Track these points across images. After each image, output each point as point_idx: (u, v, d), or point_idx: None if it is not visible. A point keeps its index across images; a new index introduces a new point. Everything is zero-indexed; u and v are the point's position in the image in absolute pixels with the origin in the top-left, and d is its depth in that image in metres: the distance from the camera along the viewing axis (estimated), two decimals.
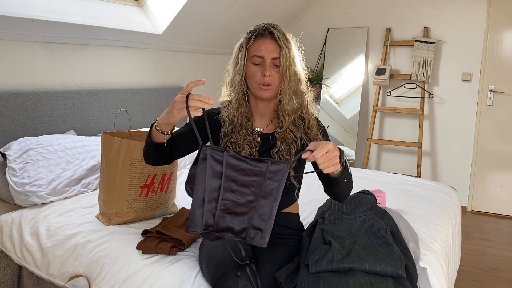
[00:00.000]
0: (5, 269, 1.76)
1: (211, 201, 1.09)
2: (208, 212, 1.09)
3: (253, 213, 1.09)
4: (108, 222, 1.67)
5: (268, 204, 1.08)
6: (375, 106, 3.92)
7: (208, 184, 1.09)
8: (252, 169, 1.10)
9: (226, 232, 1.10)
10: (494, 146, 3.65)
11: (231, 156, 1.11)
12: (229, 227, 1.09)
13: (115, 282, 1.36)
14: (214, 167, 1.10)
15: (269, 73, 1.33)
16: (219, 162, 1.10)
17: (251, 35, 1.37)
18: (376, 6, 3.99)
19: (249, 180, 1.10)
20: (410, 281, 1.20)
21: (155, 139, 1.28)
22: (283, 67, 1.34)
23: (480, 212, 3.75)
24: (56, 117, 2.33)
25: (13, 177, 1.86)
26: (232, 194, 1.10)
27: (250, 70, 1.36)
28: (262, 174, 1.10)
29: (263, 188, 1.09)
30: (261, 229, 1.08)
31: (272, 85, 1.35)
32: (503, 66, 3.56)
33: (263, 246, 1.08)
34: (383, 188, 2.28)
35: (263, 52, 1.34)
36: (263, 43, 1.35)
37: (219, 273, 1.17)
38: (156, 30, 2.92)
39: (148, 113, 2.95)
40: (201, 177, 1.09)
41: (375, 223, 1.39)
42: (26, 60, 2.24)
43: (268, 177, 1.09)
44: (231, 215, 1.09)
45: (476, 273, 2.59)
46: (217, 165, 1.10)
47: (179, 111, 1.16)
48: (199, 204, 1.09)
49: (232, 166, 1.11)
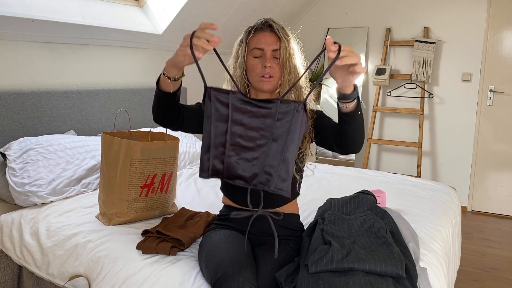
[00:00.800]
0: (5, 269, 1.76)
1: (218, 146, 1.04)
2: (215, 157, 1.04)
3: (264, 158, 1.03)
4: (108, 222, 1.67)
5: (280, 147, 1.02)
6: (375, 106, 3.92)
7: (214, 128, 1.04)
8: (261, 111, 1.04)
9: (237, 179, 1.04)
10: (494, 146, 3.65)
11: (237, 97, 1.05)
12: (239, 174, 1.04)
13: (115, 282, 1.36)
14: (220, 109, 1.04)
15: (269, 64, 1.33)
16: (225, 105, 1.04)
17: (250, 29, 1.39)
18: (376, 6, 3.99)
19: (258, 122, 1.05)
20: (410, 281, 1.20)
21: (163, 87, 1.24)
22: (283, 59, 1.34)
23: (480, 212, 3.75)
24: (56, 117, 2.33)
25: (13, 177, 1.86)
26: (240, 138, 1.05)
27: (251, 63, 1.36)
28: (272, 116, 1.04)
29: (273, 131, 1.03)
30: (273, 174, 1.02)
31: (273, 77, 1.35)
32: (503, 66, 3.56)
33: (283, 193, 1.02)
34: (383, 188, 2.28)
35: (263, 45, 1.34)
36: (263, 36, 1.36)
37: (218, 274, 1.16)
38: (156, 30, 2.92)
39: (148, 113, 2.95)
40: (207, 120, 1.04)
41: (375, 223, 1.39)
42: (26, 60, 2.24)
43: (278, 118, 1.03)
44: (241, 161, 1.04)
45: (476, 273, 2.59)
46: (222, 108, 1.04)
47: (182, 51, 1.11)
48: (205, 149, 1.05)
49: (239, 109, 1.04)
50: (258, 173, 1.03)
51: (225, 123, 1.04)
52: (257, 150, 1.04)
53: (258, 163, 1.04)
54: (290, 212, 1.47)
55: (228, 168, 1.04)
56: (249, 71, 1.38)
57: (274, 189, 1.03)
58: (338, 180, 2.44)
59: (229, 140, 1.04)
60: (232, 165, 1.04)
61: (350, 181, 2.43)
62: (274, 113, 1.04)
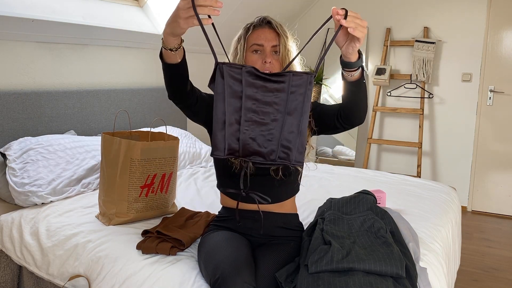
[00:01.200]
0: (5, 269, 1.76)
1: (233, 123, 1.02)
2: (231, 135, 1.03)
3: (280, 132, 1.02)
4: (108, 222, 1.67)
5: (296, 120, 1.01)
6: (375, 106, 3.92)
7: (228, 104, 1.01)
8: (274, 85, 1.03)
9: (254, 155, 1.03)
10: (494, 146, 3.65)
11: (249, 72, 1.03)
12: (256, 150, 1.03)
13: (115, 282, 1.36)
14: (233, 86, 1.02)
15: (269, 59, 1.33)
16: (238, 80, 1.02)
17: (249, 25, 1.39)
18: (376, 6, 3.99)
19: (272, 96, 1.04)
20: (410, 281, 1.20)
21: (167, 60, 1.19)
22: (282, 55, 1.34)
23: (480, 212, 3.75)
24: (56, 117, 2.33)
25: (13, 177, 1.86)
26: (255, 114, 1.04)
27: (250, 59, 1.36)
28: (284, 89, 1.03)
29: (287, 104, 1.02)
30: (291, 148, 1.01)
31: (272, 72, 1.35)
32: (503, 66, 3.56)
33: (300, 165, 1.02)
34: (383, 188, 2.28)
35: (262, 41, 1.34)
36: (262, 32, 1.36)
37: (217, 275, 1.16)
38: (156, 30, 2.93)
39: (148, 113, 2.95)
40: (219, 97, 1.02)
41: (375, 223, 1.39)
42: (26, 60, 2.24)
43: (291, 91, 1.03)
44: (257, 137, 1.03)
45: (476, 273, 2.59)
46: (235, 83, 1.02)
47: (186, 21, 1.03)
48: (220, 127, 1.02)
49: (252, 84, 1.03)
50: (275, 149, 1.03)
51: (239, 99, 1.03)
52: (272, 125, 1.04)
53: (275, 138, 1.03)
54: (289, 212, 1.47)
55: (244, 145, 1.03)
56: None
57: (295, 163, 1.03)
58: (338, 180, 2.44)
59: (244, 116, 1.03)
60: (248, 141, 1.03)
61: (350, 181, 2.43)
62: (287, 87, 1.03)
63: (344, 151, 4.15)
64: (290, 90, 1.03)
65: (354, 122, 1.29)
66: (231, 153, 1.04)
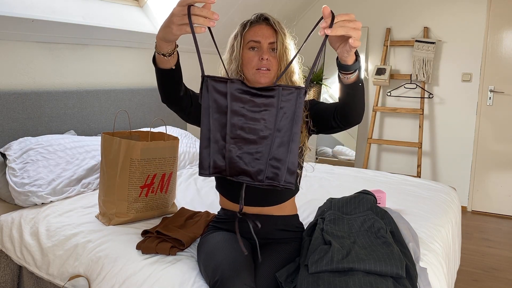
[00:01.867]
0: (5, 269, 1.76)
1: (218, 140, 0.97)
2: (216, 152, 0.97)
3: (268, 151, 0.95)
4: (108, 222, 1.67)
5: (285, 137, 0.95)
6: (375, 106, 3.92)
7: (212, 120, 0.96)
8: (262, 100, 0.96)
9: (241, 175, 0.96)
10: (494, 146, 3.65)
11: (236, 86, 0.96)
12: (243, 169, 0.96)
13: (115, 282, 1.36)
14: (218, 100, 0.96)
15: (266, 56, 1.31)
16: (223, 95, 0.96)
17: (246, 22, 1.37)
18: (376, 6, 3.99)
19: (260, 112, 0.97)
20: (410, 281, 1.20)
21: (160, 65, 1.16)
22: (280, 52, 1.32)
23: (480, 212, 3.75)
24: (56, 117, 2.33)
25: (13, 177, 1.86)
26: (242, 131, 0.97)
27: (247, 56, 1.33)
28: (274, 104, 0.96)
29: (277, 120, 0.96)
30: (280, 167, 0.95)
31: (270, 70, 1.32)
32: (503, 66, 3.56)
33: (290, 186, 0.96)
34: (383, 188, 2.28)
35: (259, 37, 1.32)
36: (259, 28, 1.34)
37: (216, 277, 1.15)
38: (156, 30, 2.92)
39: (148, 113, 2.95)
40: (205, 112, 0.96)
41: (375, 223, 1.39)
42: (26, 60, 2.24)
43: (280, 107, 0.96)
44: (244, 155, 0.97)
45: (476, 273, 2.59)
46: (221, 98, 0.96)
47: (179, 28, 1.00)
48: (205, 144, 0.97)
49: (238, 98, 0.96)
50: (263, 168, 0.97)
51: (224, 115, 0.97)
52: (261, 143, 0.97)
53: (263, 157, 0.97)
54: (289, 214, 1.46)
55: (230, 163, 0.97)
56: (245, 65, 1.34)
57: (284, 183, 0.97)
58: (338, 180, 2.44)
59: (230, 133, 0.97)
60: (234, 159, 0.97)
61: (350, 181, 2.43)
62: (277, 102, 0.97)
63: (344, 151, 4.15)
64: (280, 106, 0.97)
65: (351, 123, 1.27)
66: (217, 171, 0.99)
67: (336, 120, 1.28)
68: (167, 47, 1.11)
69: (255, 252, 1.35)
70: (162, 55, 1.12)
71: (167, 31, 1.04)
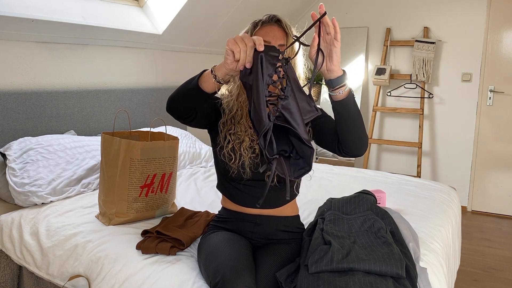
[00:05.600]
0: (5, 269, 1.76)
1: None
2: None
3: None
4: (108, 222, 1.67)
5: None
6: (375, 106, 3.92)
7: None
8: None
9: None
10: (494, 146, 3.65)
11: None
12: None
13: (114, 282, 1.36)
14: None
15: None
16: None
17: (258, 21, 1.36)
18: (376, 6, 3.99)
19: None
20: (410, 281, 1.20)
21: (202, 85, 1.17)
22: (288, 55, 1.31)
23: (480, 212, 3.75)
24: (56, 117, 2.33)
25: (13, 177, 1.86)
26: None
27: None
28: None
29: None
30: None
31: None
32: (503, 66, 3.56)
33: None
34: (383, 188, 2.28)
35: (270, 38, 1.31)
36: (270, 29, 1.33)
37: (217, 278, 1.15)
38: (156, 30, 2.92)
39: (148, 113, 2.95)
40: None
41: (375, 223, 1.39)
42: (26, 60, 2.24)
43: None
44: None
45: (476, 273, 2.59)
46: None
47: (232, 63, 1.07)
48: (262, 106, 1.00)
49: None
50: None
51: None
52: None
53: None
54: (290, 215, 1.46)
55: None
56: None
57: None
58: (338, 180, 2.44)
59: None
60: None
61: (350, 181, 2.43)
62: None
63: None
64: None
65: (352, 152, 1.24)
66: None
67: (339, 150, 1.26)
68: (225, 76, 1.14)
69: (255, 252, 1.35)
70: (217, 81, 1.15)
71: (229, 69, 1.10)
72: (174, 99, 1.25)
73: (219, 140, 1.40)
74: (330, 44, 1.09)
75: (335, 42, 1.08)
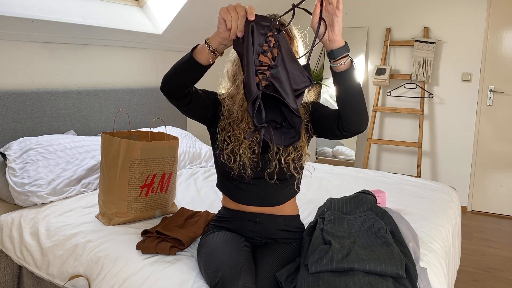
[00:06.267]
0: (5, 269, 1.76)
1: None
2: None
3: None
4: (108, 222, 1.67)
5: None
6: (375, 106, 3.92)
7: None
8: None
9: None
10: (494, 146, 3.65)
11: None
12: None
13: (114, 282, 1.35)
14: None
15: None
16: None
17: None
18: (376, 6, 3.99)
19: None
20: (410, 281, 1.20)
21: (197, 57, 1.16)
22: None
23: (480, 212, 3.75)
24: (56, 117, 2.33)
25: (13, 177, 1.86)
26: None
27: None
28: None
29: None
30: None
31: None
32: (503, 66, 3.56)
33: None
34: (383, 188, 2.28)
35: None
36: None
37: (217, 278, 1.15)
38: (156, 30, 2.92)
39: (148, 113, 2.95)
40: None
41: (375, 223, 1.39)
42: (26, 60, 2.24)
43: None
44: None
45: (476, 273, 2.59)
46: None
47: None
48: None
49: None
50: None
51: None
52: None
53: None
54: (290, 214, 1.46)
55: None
56: None
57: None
58: (338, 180, 2.44)
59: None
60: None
61: (350, 181, 2.43)
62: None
63: (344, 151, 4.15)
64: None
65: (353, 129, 1.24)
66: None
67: (340, 129, 1.27)
68: (220, 45, 1.13)
69: (255, 252, 1.35)
70: (211, 51, 1.14)
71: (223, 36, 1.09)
72: (169, 76, 1.23)
73: (217, 143, 1.40)
74: (332, 14, 1.09)
75: (337, 11, 1.08)
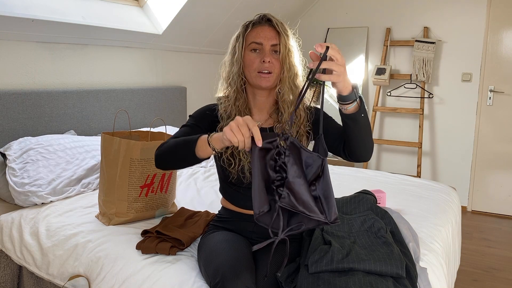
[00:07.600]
0: (5, 269, 1.76)
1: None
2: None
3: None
4: (108, 222, 1.67)
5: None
6: (375, 106, 3.92)
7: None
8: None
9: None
10: (494, 146, 3.65)
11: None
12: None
13: (114, 282, 1.36)
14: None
15: (268, 59, 1.28)
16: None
17: (248, 23, 1.34)
18: (376, 6, 3.99)
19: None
20: (410, 281, 1.20)
21: (198, 153, 1.17)
22: (282, 55, 1.29)
23: (480, 212, 3.75)
24: (56, 117, 2.33)
25: (13, 177, 1.86)
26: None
27: (248, 58, 1.31)
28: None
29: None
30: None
31: (272, 73, 1.29)
32: (503, 66, 3.56)
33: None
34: (383, 188, 2.28)
35: (261, 39, 1.30)
36: (261, 30, 1.31)
37: (217, 278, 1.15)
38: (156, 30, 2.92)
39: (148, 113, 2.95)
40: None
41: (375, 223, 1.39)
42: (26, 60, 2.24)
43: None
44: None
45: (476, 273, 2.59)
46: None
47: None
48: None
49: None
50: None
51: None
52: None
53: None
54: None
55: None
56: (246, 67, 1.32)
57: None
58: (338, 180, 2.44)
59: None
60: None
61: (350, 181, 2.43)
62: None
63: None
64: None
65: (360, 159, 1.24)
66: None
67: (346, 154, 1.27)
68: (221, 147, 1.12)
69: (255, 252, 1.35)
70: (213, 150, 1.13)
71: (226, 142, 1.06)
72: (165, 158, 1.25)
73: None
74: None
75: (335, 77, 1.04)
